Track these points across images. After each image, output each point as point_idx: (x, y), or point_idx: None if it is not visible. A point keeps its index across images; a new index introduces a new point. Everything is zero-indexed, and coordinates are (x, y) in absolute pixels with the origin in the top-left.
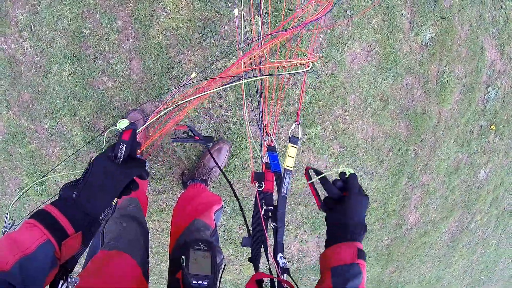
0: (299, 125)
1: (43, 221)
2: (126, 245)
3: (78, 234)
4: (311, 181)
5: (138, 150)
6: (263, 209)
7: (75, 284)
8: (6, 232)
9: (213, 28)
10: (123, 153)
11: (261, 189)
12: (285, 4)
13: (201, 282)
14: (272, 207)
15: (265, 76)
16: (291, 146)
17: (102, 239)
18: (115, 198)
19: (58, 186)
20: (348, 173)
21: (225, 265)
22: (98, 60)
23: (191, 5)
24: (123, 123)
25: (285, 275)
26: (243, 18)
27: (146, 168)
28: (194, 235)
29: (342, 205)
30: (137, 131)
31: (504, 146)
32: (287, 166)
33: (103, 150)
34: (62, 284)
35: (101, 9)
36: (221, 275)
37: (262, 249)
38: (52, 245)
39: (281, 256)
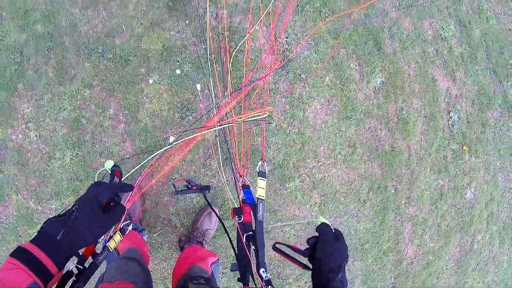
0: (265, 162)
1: (28, 262)
2: (129, 277)
3: (61, 272)
4: (285, 254)
5: (131, 192)
6: (244, 236)
7: None
8: None
9: (190, 107)
10: (105, 196)
11: (240, 221)
12: (246, 66)
13: None
14: (251, 232)
15: (227, 125)
16: (260, 179)
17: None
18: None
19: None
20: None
21: None
22: (96, 144)
23: (170, 91)
24: (109, 164)
25: (269, 286)
26: (212, 88)
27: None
28: (193, 274)
29: (315, 256)
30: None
31: (482, 162)
32: (259, 196)
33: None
34: None
35: (95, 100)
36: None
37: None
38: (39, 286)
39: (263, 271)
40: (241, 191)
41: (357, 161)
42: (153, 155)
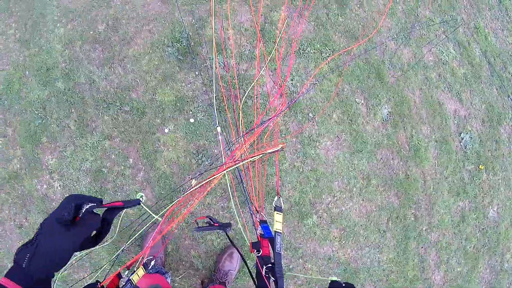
0: (280, 197)
1: None
2: None
3: None
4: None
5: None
6: (263, 269)
7: None
8: None
9: (205, 153)
10: (71, 213)
11: (259, 254)
12: (256, 110)
13: None
14: (270, 265)
15: (244, 162)
16: (276, 213)
17: None
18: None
19: None
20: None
21: None
22: (118, 192)
23: (185, 139)
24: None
25: None
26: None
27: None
28: None
29: None
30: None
31: (501, 179)
32: (276, 229)
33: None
34: None
35: (115, 150)
36: None
37: None
38: None
39: None
40: (259, 226)
41: (373, 193)
42: (175, 201)
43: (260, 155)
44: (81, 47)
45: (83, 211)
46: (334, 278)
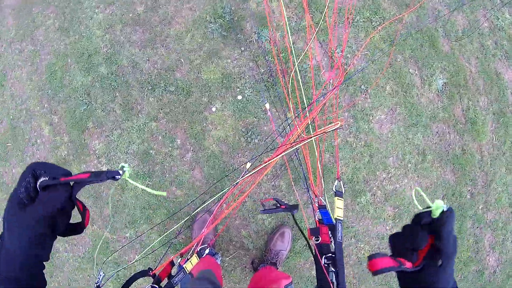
0: (340, 181)
1: None
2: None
3: None
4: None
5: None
6: (323, 258)
7: None
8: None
9: (255, 131)
10: (29, 187)
11: (317, 242)
12: (313, 84)
13: None
14: (330, 254)
15: (302, 143)
16: (337, 199)
17: None
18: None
19: None
20: (437, 209)
21: None
22: (166, 174)
23: (233, 116)
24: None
25: None
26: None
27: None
28: None
29: (432, 263)
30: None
31: None
32: (337, 216)
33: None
34: None
35: (162, 132)
36: None
37: None
38: None
39: None
40: (317, 211)
41: (428, 169)
42: (227, 189)
43: (319, 134)
44: (121, 30)
45: (38, 184)
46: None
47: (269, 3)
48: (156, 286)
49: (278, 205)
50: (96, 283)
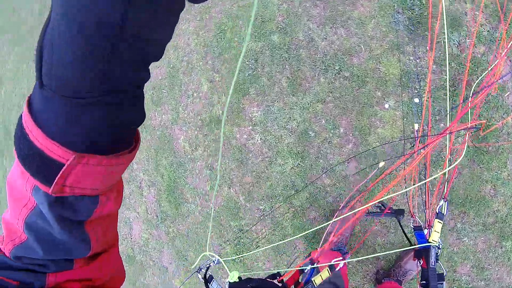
0: (446, 201)
1: None
2: None
3: None
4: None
5: None
6: (418, 286)
7: None
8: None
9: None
10: None
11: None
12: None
13: None
14: (424, 281)
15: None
16: (437, 221)
17: None
18: None
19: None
20: None
21: None
22: (320, 159)
23: (405, 118)
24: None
25: None
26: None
27: None
28: None
29: None
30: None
31: None
32: (432, 240)
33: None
34: None
35: (327, 116)
36: None
37: None
38: None
39: None
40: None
41: None
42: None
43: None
44: (300, 2)
45: None
46: None
47: (463, 3)
48: None
49: (383, 208)
50: (206, 265)
